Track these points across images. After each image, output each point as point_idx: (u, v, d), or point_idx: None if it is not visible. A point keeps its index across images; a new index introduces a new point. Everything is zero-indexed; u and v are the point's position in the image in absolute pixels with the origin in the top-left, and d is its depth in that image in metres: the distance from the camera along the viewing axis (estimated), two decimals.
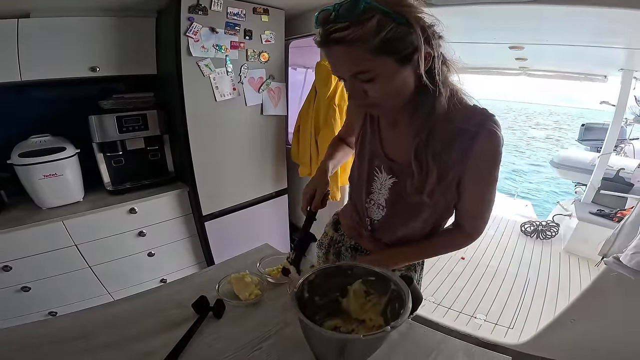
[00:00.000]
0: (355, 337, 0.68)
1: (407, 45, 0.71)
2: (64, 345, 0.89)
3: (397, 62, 0.73)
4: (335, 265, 0.89)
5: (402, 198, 0.94)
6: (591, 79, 4.30)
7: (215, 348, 0.89)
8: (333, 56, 0.75)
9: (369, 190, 1.03)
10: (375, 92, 0.77)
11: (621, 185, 3.84)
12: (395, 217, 1.01)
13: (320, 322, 0.83)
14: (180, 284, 1.20)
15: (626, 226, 1.78)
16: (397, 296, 0.81)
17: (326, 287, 0.86)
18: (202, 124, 2.18)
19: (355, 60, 0.72)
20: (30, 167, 1.84)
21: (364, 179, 1.03)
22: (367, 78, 0.75)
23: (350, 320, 0.87)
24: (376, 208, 1.03)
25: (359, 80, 0.76)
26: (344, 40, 0.69)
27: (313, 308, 0.82)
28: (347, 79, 0.78)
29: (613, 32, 2.56)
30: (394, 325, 0.68)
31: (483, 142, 0.81)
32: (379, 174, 0.99)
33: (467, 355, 0.88)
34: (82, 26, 1.97)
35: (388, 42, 0.69)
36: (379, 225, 1.06)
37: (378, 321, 0.84)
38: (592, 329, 1.96)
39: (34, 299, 1.93)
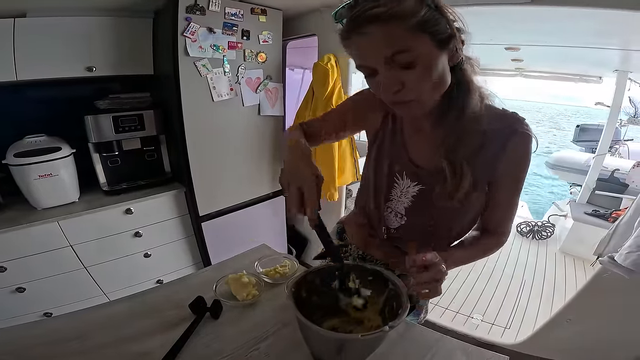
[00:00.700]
0: (353, 337, 0.68)
1: (443, 29, 0.68)
2: (58, 346, 0.88)
3: (436, 44, 0.68)
4: (331, 265, 0.88)
5: (428, 206, 0.89)
6: (586, 80, 4.32)
7: (213, 348, 0.89)
8: (366, 39, 0.68)
9: (387, 198, 0.96)
10: (414, 81, 0.70)
11: (616, 186, 3.86)
12: (418, 227, 0.95)
13: (318, 322, 0.83)
14: (177, 284, 1.19)
15: (621, 226, 1.79)
16: (394, 295, 0.81)
17: (325, 287, 0.86)
18: (199, 124, 2.18)
19: (396, 38, 0.65)
20: (26, 167, 1.83)
21: (382, 185, 0.96)
22: (407, 60, 0.67)
23: (348, 321, 0.86)
24: (393, 216, 0.97)
25: (396, 67, 0.68)
26: (381, 17, 0.64)
27: (311, 308, 0.82)
28: (382, 66, 0.69)
29: (608, 33, 2.58)
30: (392, 325, 0.68)
31: (516, 145, 0.80)
32: (399, 181, 0.93)
33: (464, 355, 0.88)
34: (78, 26, 1.96)
35: (426, 22, 0.65)
36: (396, 234, 0.99)
37: (376, 321, 0.83)
38: (588, 328, 1.97)
39: (29, 300, 1.91)
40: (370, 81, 0.76)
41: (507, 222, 0.94)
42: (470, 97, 0.78)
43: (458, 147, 0.80)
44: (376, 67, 0.71)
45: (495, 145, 0.80)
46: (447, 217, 0.91)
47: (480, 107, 0.79)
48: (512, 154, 0.81)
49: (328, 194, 2.46)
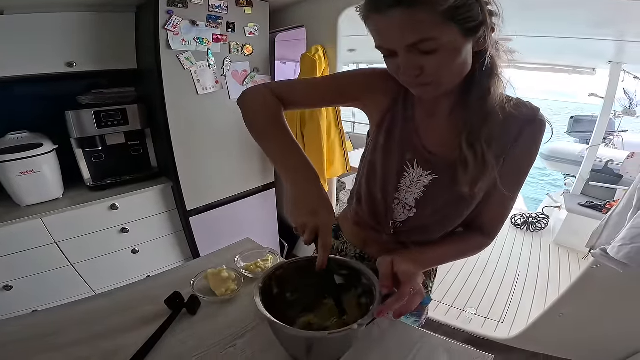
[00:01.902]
0: (320, 336, 0.65)
1: (475, 15, 0.63)
2: (32, 342, 0.86)
3: (463, 32, 0.64)
4: (307, 258, 0.85)
5: (440, 197, 0.85)
6: (580, 72, 4.33)
7: (188, 345, 0.86)
8: (388, 22, 0.63)
9: (395, 188, 0.89)
10: (434, 67, 0.66)
11: (610, 177, 3.87)
12: (428, 219, 0.89)
13: (293, 319, 0.80)
14: (155, 279, 1.17)
15: (613, 217, 1.76)
16: (368, 290, 0.78)
17: (299, 282, 0.84)
18: (184, 118, 2.15)
19: (421, 26, 0.61)
20: (6, 164, 1.80)
21: (391, 174, 0.89)
22: (430, 48, 0.63)
23: (327, 316, 0.84)
24: (401, 208, 0.91)
25: (417, 52, 0.65)
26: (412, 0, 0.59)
27: (285, 304, 0.79)
28: (403, 50, 0.65)
29: (602, 23, 2.56)
30: (361, 322, 0.64)
31: (531, 134, 0.77)
32: (410, 169, 0.87)
33: (447, 353, 0.86)
34: (58, 22, 1.93)
35: (457, 9, 0.61)
36: (403, 228, 0.93)
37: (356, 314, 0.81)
38: (581, 323, 1.96)
39: (16, 298, 1.90)
40: (389, 62, 0.72)
41: (499, 222, 0.89)
42: (494, 80, 0.74)
43: (481, 131, 0.76)
44: (396, 50, 0.67)
45: (511, 133, 0.77)
46: (459, 210, 0.86)
47: (500, 94, 0.75)
48: (524, 144, 0.77)
49: None
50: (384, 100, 0.90)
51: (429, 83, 0.70)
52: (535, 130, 0.77)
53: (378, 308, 0.68)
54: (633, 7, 2.04)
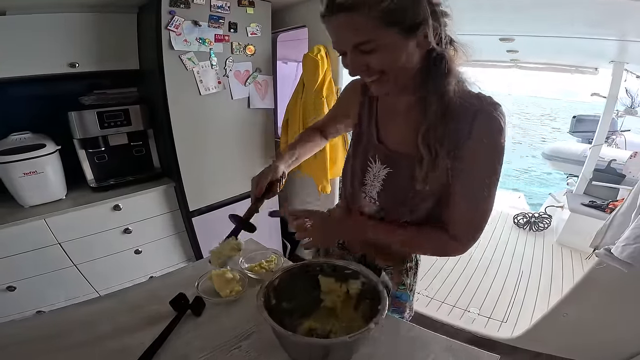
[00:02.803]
0: (341, 341, 0.64)
1: (412, 16, 0.68)
2: (39, 343, 0.86)
3: (401, 33, 0.69)
4: (299, 264, 0.86)
5: (396, 189, 0.90)
6: (582, 72, 4.31)
7: (193, 346, 0.87)
8: (336, 26, 0.72)
9: (362, 182, 0.97)
10: (377, 65, 0.73)
11: (613, 177, 3.84)
12: (388, 211, 0.95)
13: (293, 327, 0.81)
14: (159, 280, 1.18)
15: (617, 217, 1.75)
16: (369, 289, 0.79)
17: (294, 289, 0.84)
18: (186, 118, 2.15)
19: (359, 29, 0.69)
20: (10, 164, 1.80)
21: (357, 170, 0.98)
22: (369, 49, 0.71)
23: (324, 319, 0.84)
24: (367, 202, 0.98)
25: (360, 52, 0.72)
26: (349, 6, 0.66)
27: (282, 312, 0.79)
28: (349, 51, 0.74)
29: (604, 23, 2.55)
30: (376, 321, 0.66)
31: (480, 127, 0.76)
32: (372, 165, 0.94)
33: (451, 354, 0.85)
34: (60, 23, 1.93)
35: (393, 11, 0.66)
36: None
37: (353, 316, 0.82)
38: (585, 323, 1.95)
39: (20, 298, 1.90)
40: (343, 60, 0.78)
41: (468, 226, 0.84)
42: (447, 80, 0.76)
43: (437, 128, 0.79)
44: (345, 50, 0.74)
45: (464, 126, 0.78)
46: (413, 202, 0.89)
47: (457, 90, 0.77)
48: (477, 136, 0.77)
49: (320, 186, 2.43)
50: (356, 107, 1.01)
51: (377, 80, 0.77)
52: (483, 123, 0.77)
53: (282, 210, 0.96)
54: (635, 6, 2.03)
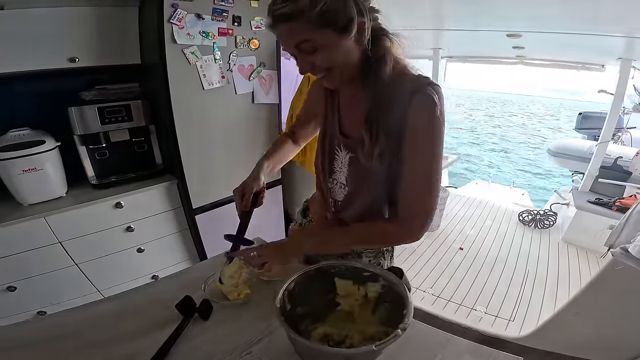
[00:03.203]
0: (366, 350, 0.61)
1: (344, 16, 0.77)
2: (42, 347, 0.84)
3: (336, 32, 0.78)
4: (315, 267, 0.82)
5: (359, 171, 0.97)
6: (589, 68, 4.30)
7: (202, 351, 0.83)
8: (279, 34, 0.81)
9: (331, 170, 1.06)
10: (320, 61, 0.82)
11: (619, 174, 3.83)
12: (356, 193, 1.02)
13: (308, 332, 0.77)
14: (166, 281, 1.15)
15: (634, 215, 1.72)
16: (389, 291, 0.77)
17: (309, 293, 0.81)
18: (189, 113, 2.11)
19: (297, 33, 0.78)
20: (8, 161, 1.76)
21: (326, 159, 1.06)
22: (310, 48, 0.80)
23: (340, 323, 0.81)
24: (339, 188, 1.06)
25: (303, 52, 0.81)
26: (285, 16, 0.75)
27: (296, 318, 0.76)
28: (295, 53, 0.83)
29: (612, 20, 2.52)
30: (404, 326, 0.63)
31: (417, 106, 0.82)
32: (339, 153, 1.02)
33: (473, 357, 0.82)
34: (60, 17, 1.88)
35: (324, 14, 0.74)
36: (341, 206, 1.07)
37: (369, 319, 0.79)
38: (596, 321, 1.92)
39: (20, 299, 1.87)
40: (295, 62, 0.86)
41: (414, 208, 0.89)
42: (383, 66, 0.85)
43: (375, 110, 0.87)
44: (292, 53, 0.84)
45: (403, 106, 0.84)
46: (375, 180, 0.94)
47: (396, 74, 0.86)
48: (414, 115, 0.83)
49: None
50: (320, 104, 1.09)
51: (325, 76, 0.86)
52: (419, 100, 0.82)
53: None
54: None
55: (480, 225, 4.12)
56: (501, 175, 10.79)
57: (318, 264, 0.83)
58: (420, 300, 2.73)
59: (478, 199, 4.89)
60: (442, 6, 3.04)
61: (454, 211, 4.45)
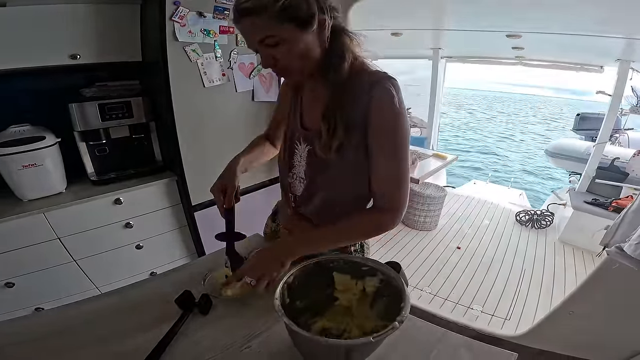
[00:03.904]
0: (364, 341, 0.62)
1: (305, 11, 0.80)
2: (39, 343, 0.83)
3: (298, 27, 0.81)
4: (314, 261, 0.84)
5: (317, 164, 0.99)
6: (587, 70, 4.32)
7: (202, 346, 0.84)
8: (242, 29, 0.83)
9: (291, 165, 1.07)
10: (282, 56, 0.84)
11: (616, 175, 3.86)
12: (314, 186, 1.03)
13: (307, 326, 0.78)
14: (165, 277, 1.14)
15: (629, 215, 1.73)
16: (387, 285, 0.78)
17: (307, 287, 0.82)
18: (190, 111, 2.12)
19: (260, 28, 0.80)
20: (8, 157, 1.76)
21: (286, 154, 1.08)
22: (272, 42, 0.81)
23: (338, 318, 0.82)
24: (298, 182, 1.07)
25: (265, 46, 0.82)
26: (248, 11, 0.78)
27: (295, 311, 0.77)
28: (257, 48, 0.84)
29: (611, 21, 2.54)
30: (401, 319, 0.64)
31: (377, 98, 0.85)
32: (298, 146, 1.04)
33: (469, 351, 0.83)
34: (61, 13, 1.87)
35: (286, 9, 0.77)
36: (300, 200, 1.09)
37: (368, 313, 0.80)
38: (592, 321, 1.94)
39: (18, 295, 1.87)
40: (258, 57, 0.89)
41: (392, 192, 0.93)
42: (342, 62, 0.89)
43: (334, 104, 0.90)
44: (255, 48, 0.85)
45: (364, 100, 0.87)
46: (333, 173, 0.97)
47: (355, 70, 0.91)
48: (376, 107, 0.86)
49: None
50: (287, 104, 1.12)
51: (285, 69, 0.87)
52: (382, 94, 0.85)
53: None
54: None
55: (477, 225, 4.15)
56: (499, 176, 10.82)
57: (317, 258, 0.84)
58: (417, 299, 2.74)
59: (476, 198, 4.92)
60: (442, 6, 3.05)
61: (451, 211, 4.48)
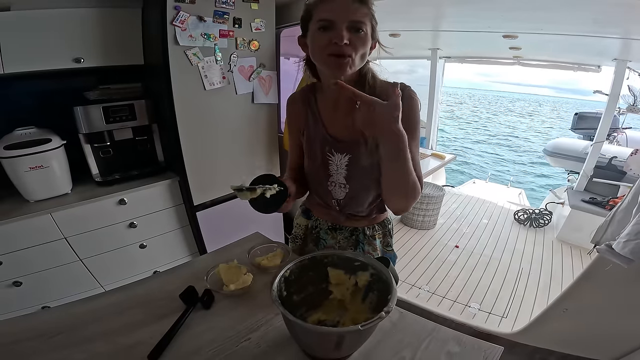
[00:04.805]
0: (353, 329, 0.66)
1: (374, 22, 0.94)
2: (48, 339, 0.87)
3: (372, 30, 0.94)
4: (309, 256, 0.88)
5: (359, 169, 1.06)
6: (585, 69, 4.33)
7: (204, 339, 0.88)
8: (344, 3, 0.88)
9: (328, 174, 1.12)
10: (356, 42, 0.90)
11: (614, 174, 3.87)
12: (358, 188, 1.10)
13: (303, 318, 0.83)
14: (168, 274, 1.18)
15: (618, 213, 1.76)
16: (378, 279, 0.82)
17: (303, 281, 0.86)
18: (191, 113, 2.16)
19: (362, 12, 0.89)
20: (16, 159, 1.81)
21: (319, 165, 1.12)
22: (360, 28, 0.90)
23: (333, 310, 0.87)
24: (338, 188, 1.13)
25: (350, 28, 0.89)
26: None
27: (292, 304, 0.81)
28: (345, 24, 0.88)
29: (607, 22, 2.56)
30: (387, 310, 0.68)
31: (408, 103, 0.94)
32: (332, 157, 1.09)
33: (458, 344, 0.87)
34: (65, 18, 1.93)
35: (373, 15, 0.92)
36: (345, 202, 1.14)
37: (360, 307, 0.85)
38: (585, 318, 1.96)
39: (26, 293, 1.92)
40: (322, 34, 0.91)
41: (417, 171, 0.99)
42: (373, 73, 1.02)
43: None
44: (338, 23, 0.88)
45: None
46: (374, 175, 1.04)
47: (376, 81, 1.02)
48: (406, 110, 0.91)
49: None
50: (303, 117, 1.14)
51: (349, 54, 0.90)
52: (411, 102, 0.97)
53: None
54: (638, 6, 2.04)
55: (476, 224, 4.17)
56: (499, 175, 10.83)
57: (312, 254, 0.88)
58: (415, 297, 2.77)
59: (475, 197, 4.94)
60: (440, 8, 3.08)
61: (450, 210, 4.50)
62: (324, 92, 1.08)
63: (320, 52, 0.92)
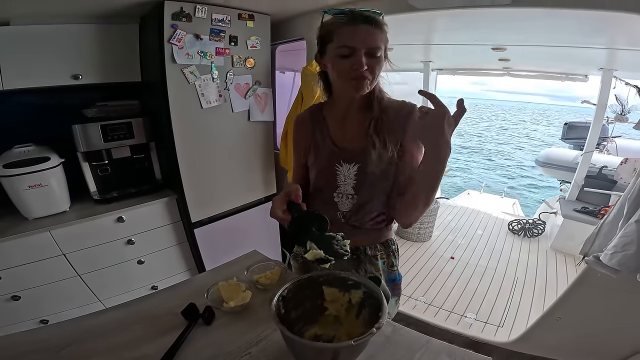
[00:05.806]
0: (347, 345, 0.70)
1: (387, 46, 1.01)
2: (51, 354, 0.88)
3: (384, 52, 1.01)
4: (306, 276, 0.91)
5: (368, 178, 1.10)
6: (572, 79, 4.39)
7: (206, 353, 0.90)
8: (365, 30, 0.96)
9: (335, 185, 1.15)
10: (374, 66, 0.99)
11: (604, 183, 3.92)
12: (367, 198, 1.13)
13: (300, 333, 0.86)
14: (169, 291, 1.20)
15: (605, 226, 1.80)
16: (369, 296, 0.86)
17: (300, 299, 0.89)
18: (188, 131, 2.18)
19: (379, 38, 0.98)
20: (15, 178, 1.83)
21: (327, 177, 1.15)
22: (377, 54, 0.98)
23: (328, 326, 0.90)
24: (345, 199, 1.15)
25: (369, 55, 0.97)
26: (378, 23, 0.98)
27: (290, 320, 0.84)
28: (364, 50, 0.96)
29: (592, 32, 2.61)
30: (378, 326, 0.71)
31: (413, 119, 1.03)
32: (340, 167, 1.13)
33: (449, 357, 0.89)
34: (63, 34, 1.96)
35: (387, 38, 1.00)
36: (352, 213, 1.16)
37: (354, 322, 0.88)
38: (579, 326, 1.99)
39: (24, 307, 1.92)
40: (344, 61, 0.99)
41: None
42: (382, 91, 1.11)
43: (383, 121, 1.07)
44: (359, 50, 0.96)
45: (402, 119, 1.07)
46: (385, 182, 1.10)
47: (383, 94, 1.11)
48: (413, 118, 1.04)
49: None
50: (309, 134, 1.20)
51: (368, 77, 0.99)
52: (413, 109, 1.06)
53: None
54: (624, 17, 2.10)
55: (471, 235, 4.21)
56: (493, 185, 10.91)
57: (308, 274, 0.92)
58: (412, 309, 2.79)
59: (469, 209, 4.99)
60: (431, 22, 3.15)
61: (445, 222, 4.55)
62: (335, 104, 1.15)
63: (342, 76, 1.01)
